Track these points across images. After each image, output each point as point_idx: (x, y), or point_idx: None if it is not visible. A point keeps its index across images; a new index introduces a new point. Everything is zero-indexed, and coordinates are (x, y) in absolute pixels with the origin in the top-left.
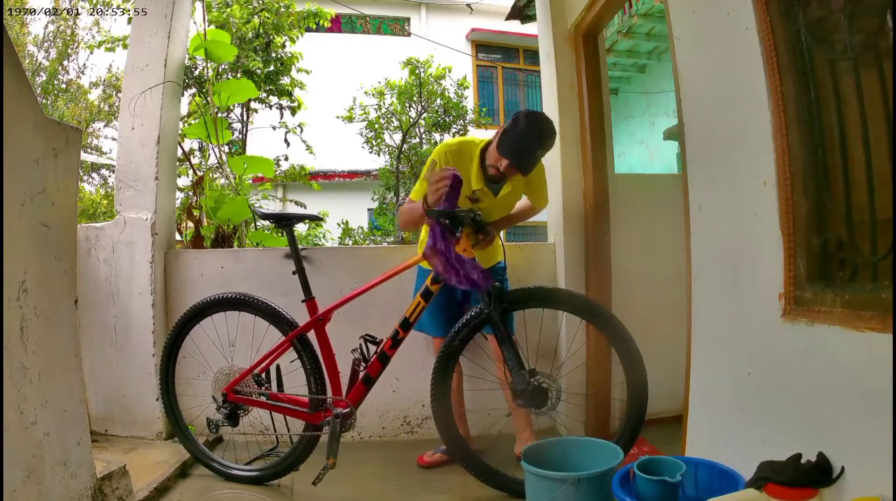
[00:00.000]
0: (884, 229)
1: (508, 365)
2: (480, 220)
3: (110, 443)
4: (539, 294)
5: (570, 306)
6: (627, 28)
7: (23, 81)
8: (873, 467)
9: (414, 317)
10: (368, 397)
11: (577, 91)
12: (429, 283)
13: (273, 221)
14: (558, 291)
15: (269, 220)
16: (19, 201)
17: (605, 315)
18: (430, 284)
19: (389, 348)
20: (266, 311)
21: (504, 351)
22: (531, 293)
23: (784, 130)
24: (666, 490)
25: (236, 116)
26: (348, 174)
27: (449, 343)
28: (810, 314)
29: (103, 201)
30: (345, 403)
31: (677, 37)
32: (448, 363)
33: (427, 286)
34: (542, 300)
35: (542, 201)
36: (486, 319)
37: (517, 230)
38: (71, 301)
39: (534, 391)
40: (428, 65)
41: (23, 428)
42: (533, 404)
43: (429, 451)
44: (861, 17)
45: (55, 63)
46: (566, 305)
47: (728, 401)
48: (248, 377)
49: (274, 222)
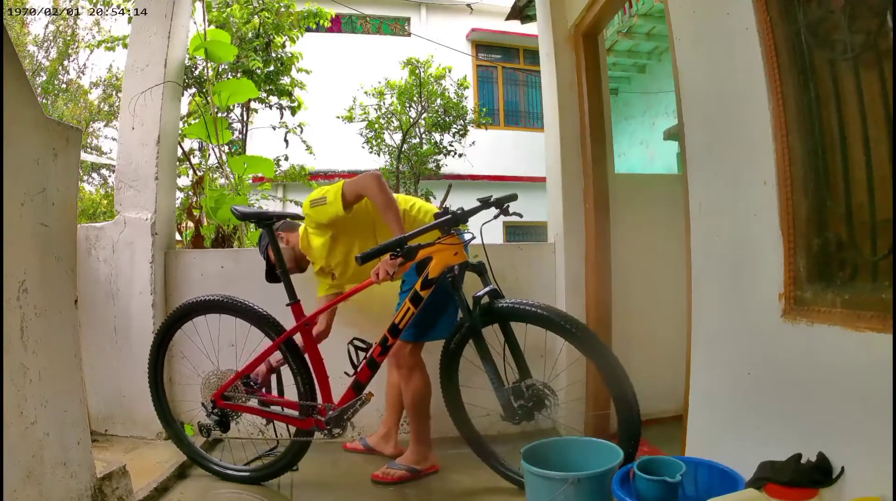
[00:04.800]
0: (884, 229)
1: (489, 380)
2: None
3: (110, 443)
4: (507, 311)
5: (539, 321)
6: (627, 28)
7: (23, 81)
8: (873, 467)
9: (403, 323)
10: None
11: (577, 91)
12: (418, 288)
13: (253, 220)
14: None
15: (249, 219)
16: (19, 201)
17: (583, 334)
18: (420, 288)
19: (379, 354)
20: (250, 314)
21: (484, 366)
22: (502, 310)
23: (784, 130)
24: (666, 490)
25: (236, 116)
26: (348, 174)
27: (445, 348)
28: (810, 314)
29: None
30: (334, 408)
31: (677, 37)
32: (450, 365)
33: (416, 291)
34: (509, 317)
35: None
36: (468, 332)
37: (517, 230)
38: (71, 301)
39: (517, 408)
40: (428, 65)
41: (23, 428)
42: (516, 420)
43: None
44: (861, 17)
45: (55, 63)
46: (535, 320)
47: (728, 401)
48: (237, 382)
49: (254, 222)
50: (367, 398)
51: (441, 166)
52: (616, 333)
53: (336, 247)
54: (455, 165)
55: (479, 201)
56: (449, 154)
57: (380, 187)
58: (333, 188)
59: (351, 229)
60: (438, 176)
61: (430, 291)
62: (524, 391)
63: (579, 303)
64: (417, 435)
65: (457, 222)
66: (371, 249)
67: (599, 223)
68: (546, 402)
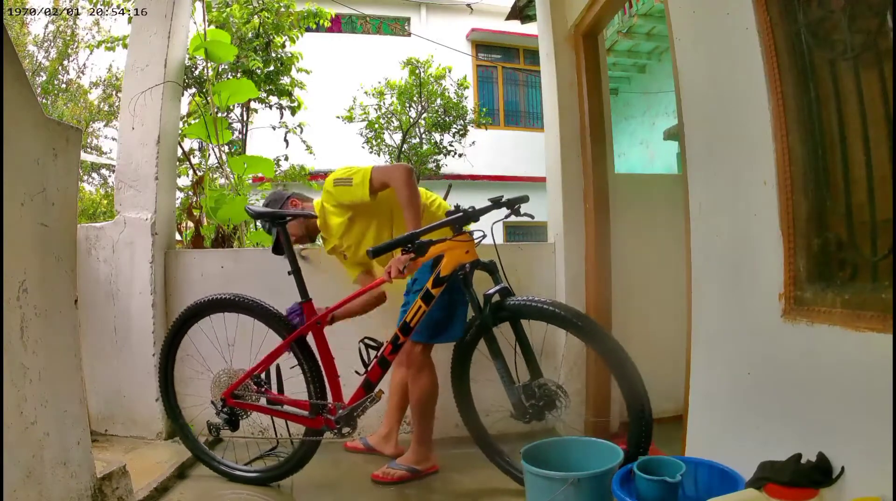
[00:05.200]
0: (884, 229)
1: (500, 378)
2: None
3: (110, 443)
4: (526, 309)
5: (550, 318)
6: (627, 28)
7: (23, 81)
8: (873, 467)
9: (415, 321)
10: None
11: (577, 91)
12: (430, 286)
13: (267, 219)
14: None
15: (263, 219)
16: (19, 201)
17: (598, 333)
18: (432, 286)
19: (390, 353)
20: (262, 313)
21: (495, 363)
22: (519, 308)
23: (784, 130)
24: (666, 490)
25: (236, 116)
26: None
27: (458, 345)
28: (810, 314)
29: (103, 201)
30: (344, 407)
31: (677, 37)
32: (462, 362)
33: (428, 289)
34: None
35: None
36: (479, 330)
37: (517, 230)
38: (71, 301)
39: (528, 407)
40: (428, 65)
41: (23, 428)
42: (526, 419)
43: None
44: (861, 17)
45: (55, 63)
46: (546, 317)
47: (728, 401)
48: (247, 381)
49: (268, 221)
50: (377, 395)
51: (441, 166)
52: (616, 332)
53: (352, 228)
54: (455, 166)
55: (491, 200)
56: (449, 154)
57: (408, 182)
58: (362, 172)
59: (369, 212)
60: (438, 176)
61: (441, 288)
62: (535, 391)
63: (579, 303)
64: (420, 436)
65: (468, 220)
66: (382, 243)
67: (599, 223)
68: (557, 403)
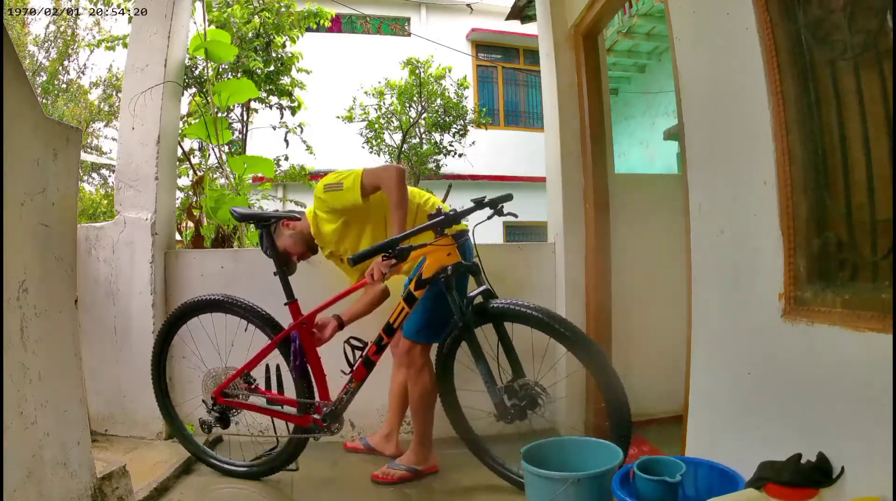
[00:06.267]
0: (884, 229)
1: (482, 379)
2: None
3: (110, 443)
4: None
5: (531, 322)
6: (627, 28)
7: (23, 81)
8: (873, 467)
9: (398, 323)
10: (370, 397)
11: (577, 91)
12: (412, 288)
13: (252, 221)
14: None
15: (249, 221)
16: (19, 201)
17: (581, 340)
18: (414, 289)
19: (374, 353)
20: (249, 313)
21: (477, 365)
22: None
23: (784, 130)
24: (666, 490)
25: (236, 116)
26: None
27: (440, 348)
28: (810, 314)
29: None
30: (328, 405)
31: (677, 37)
32: (444, 364)
33: (410, 291)
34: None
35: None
36: (461, 331)
37: (517, 231)
38: (71, 301)
39: (510, 407)
40: (428, 65)
41: (23, 428)
42: (508, 419)
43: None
44: (861, 17)
45: (55, 63)
46: (526, 321)
47: (728, 401)
48: (237, 380)
49: (253, 223)
50: (353, 386)
51: (441, 166)
52: (616, 333)
53: (348, 233)
54: (455, 165)
55: (473, 201)
56: (449, 154)
57: (399, 184)
58: (352, 175)
59: (364, 215)
60: (438, 176)
61: (423, 291)
62: (517, 390)
63: (579, 303)
64: (420, 436)
65: (449, 222)
66: (363, 250)
67: (599, 223)
68: (539, 401)
